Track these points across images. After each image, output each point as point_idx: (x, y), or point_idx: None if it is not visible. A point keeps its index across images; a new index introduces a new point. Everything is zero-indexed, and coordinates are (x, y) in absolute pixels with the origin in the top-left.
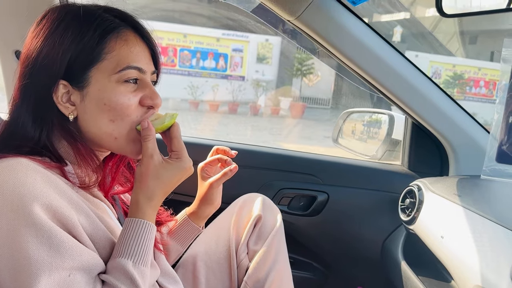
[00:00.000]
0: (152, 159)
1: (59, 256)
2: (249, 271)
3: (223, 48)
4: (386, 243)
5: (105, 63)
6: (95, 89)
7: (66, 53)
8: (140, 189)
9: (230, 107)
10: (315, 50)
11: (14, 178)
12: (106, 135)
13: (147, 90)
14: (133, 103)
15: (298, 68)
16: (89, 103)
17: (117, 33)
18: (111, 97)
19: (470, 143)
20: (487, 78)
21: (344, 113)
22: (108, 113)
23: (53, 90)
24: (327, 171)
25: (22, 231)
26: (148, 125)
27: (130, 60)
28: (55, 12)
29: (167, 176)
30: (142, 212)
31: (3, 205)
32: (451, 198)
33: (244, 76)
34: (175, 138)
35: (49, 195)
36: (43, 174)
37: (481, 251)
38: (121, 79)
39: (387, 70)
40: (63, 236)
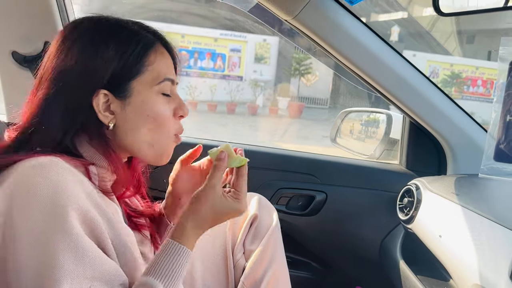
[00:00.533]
0: (214, 189)
1: (82, 265)
2: (246, 271)
3: (221, 48)
4: (384, 242)
5: (146, 75)
6: (138, 99)
7: (109, 65)
8: (192, 214)
9: (228, 107)
10: (313, 50)
11: (48, 179)
12: (144, 144)
13: (177, 101)
14: (170, 114)
15: (296, 68)
16: (131, 113)
17: (155, 47)
18: (153, 108)
19: (468, 142)
20: (485, 77)
21: (342, 113)
22: (149, 123)
23: (92, 99)
24: (325, 170)
25: (54, 236)
26: (224, 158)
27: (167, 72)
28: (91, 24)
29: (220, 210)
30: (186, 237)
31: (37, 207)
32: (449, 197)
33: (242, 76)
34: (241, 177)
35: (82, 200)
36: (74, 174)
37: (479, 249)
38: (161, 91)
39: (385, 69)
40: (89, 245)
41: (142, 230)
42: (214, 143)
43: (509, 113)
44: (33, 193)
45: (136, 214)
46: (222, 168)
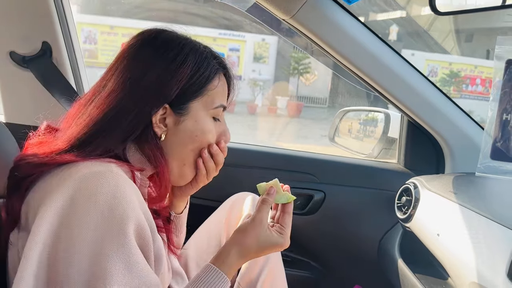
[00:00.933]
0: (261, 223)
1: (130, 275)
2: (241, 271)
3: (220, 47)
4: (383, 241)
5: (205, 98)
6: (192, 119)
7: (181, 82)
8: (238, 244)
9: None
10: (311, 49)
11: (108, 188)
12: (180, 160)
13: (223, 127)
14: (213, 140)
15: (295, 67)
16: (183, 130)
17: (219, 74)
18: (204, 130)
19: (465, 140)
20: (483, 76)
21: (340, 112)
22: (194, 143)
23: (155, 111)
24: (323, 169)
25: (108, 244)
26: (273, 194)
27: (222, 99)
28: (170, 38)
29: (265, 244)
30: (228, 265)
31: (95, 215)
32: (447, 195)
33: (241, 76)
34: (287, 213)
35: (137, 210)
36: (130, 184)
37: (476, 248)
38: (213, 115)
39: (383, 69)
40: (139, 257)
41: (159, 233)
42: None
43: (505, 112)
44: (94, 201)
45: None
46: (270, 203)
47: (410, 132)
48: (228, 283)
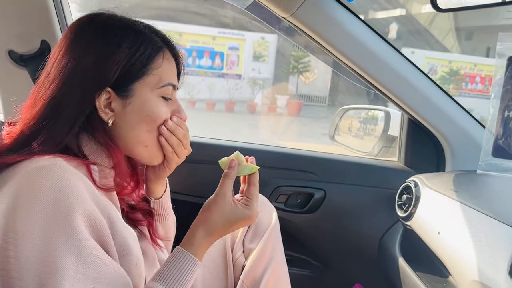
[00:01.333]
0: (225, 197)
1: (84, 267)
2: (245, 269)
3: (219, 46)
4: (383, 239)
5: (150, 78)
6: (139, 100)
7: (120, 64)
8: (202, 223)
9: (227, 106)
10: (310, 47)
11: (51, 181)
12: (139, 143)
13: (176, 105)
14: (167, 116)
15: (294, 66)
16: (131, 112)
17: (162, 52)
18: (153, 110)
19: (466, 138)
20: (483, 74)
21: (340, 110)
22: (147, 123)
23: (97, 96)
24: (324, 168)
25: (56, 238)
26: (234, 166)
27: (170, 77)
28: (105, 22)
29: (231, 218)
30: (196, 245)
31: (41, 210)
32: (448, 193)
33: (241, 75)
34: (253, 185)
35: (87, 201)
36: (77, 176)
37: (478, 246)
38: (161, 94)
39: (383, 67)
40: (92, 248)
41: (138, 226)
42: (212, 142)
43: (507, 109)
44: (38, 196)
45: (131, 210)
46: (232, 176)
47: (411, 130)
48: (197, 264)
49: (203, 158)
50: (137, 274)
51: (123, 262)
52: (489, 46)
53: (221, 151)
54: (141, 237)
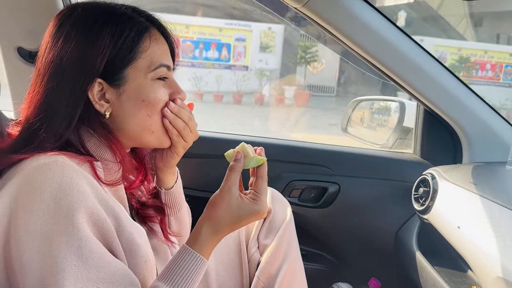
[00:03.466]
0: (230, 192)
1: (86, 267)
2: (261, 265)
3: (226, 38)
4: (399, 233)
5: (140, 62)
6: (132, 86)
7: (105, 53)
8: (209, 218)
9: (234, 98)
10: (323, 38)
11: (53, 179)
12: (144, 130)
13: (173, 85)
14: (166, 98)
15: (302, 56)
16: (127, 100)
17: (149, 33)
18: (149, 94)
19: (484, 129)
20: (494, 61)
21: (353, 102)
22: (145, 108)
23: (89, 88)
24: (337, 161)
25: (57, 238)
26: (240, 159)
27: (161, 58)
28: (84, 11)
29: (238, 214)
30: (202, 243)
31: (42, 209)
32: (467, 186)
33: (248, 66)
34: (260, 178)
35: (89, 199)
36: (79, 173)
37: (500, 241)
38: (155, 77)
39: (398, 56)
40: (94, 247)
41: (149, 223)
42: (221, 136)
43: None
44: (38, 195)
45: (142, 206)
46: (238, 169)
47: (427, 121)
48: (203, 262)
49: (212, 152)
50: (147, 272)
51: (131, 260)
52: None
53: (231, 145)
54: (151, 234)
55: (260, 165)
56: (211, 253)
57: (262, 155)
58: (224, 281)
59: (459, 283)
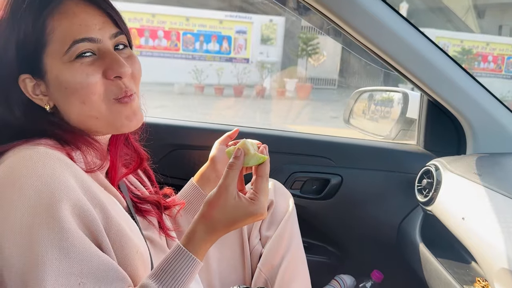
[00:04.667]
0: (227, 191)
1: (67, 261)
2: (263, 257)
3: (227, 30)
4: (402, 225)
5: (52, 46)
6: (52, 76)
7: (11, 46)
8: (203, 218)
9: (235, 90)
10: (325, 27)
11: (34, 171)
12: (86, 117)
13: (107, 60)
14: (95, 79)
15: (303, 49)
16: (55, 91)
17: (51, 8)
18: (68, 80)
19: (488, 119)
20: (495, 53)
21: (355, 93)
22: (73, 96)
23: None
24: (340, 153)
25: (38, 231)
26: (240, 156)
27: (75, 33)
28: None
29: (234, 214)
30: (196, 243)
31: (23, 202)
32: (471, 177)
33: (249, 58)
34: (260, 177)
35: (73, 190)
36: (63, 163)
37: (506, 232)
38: (72, 57)
39: (401, 45)
40: (77, 240)
41: (147, 216)
42: (222, 127)
43: None
44: (19, 187)
45: (140, 200)
46: (236, 167)
47: (430, 112)
48: (196, 264)
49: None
50: (140, 262)
51: (121, 251)
52: (502, 24)
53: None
54: (149, 226)
55: (261, 164)
56: (205, 253)
57: (264, 153)
58: (226, 273)
59: (463, 275)
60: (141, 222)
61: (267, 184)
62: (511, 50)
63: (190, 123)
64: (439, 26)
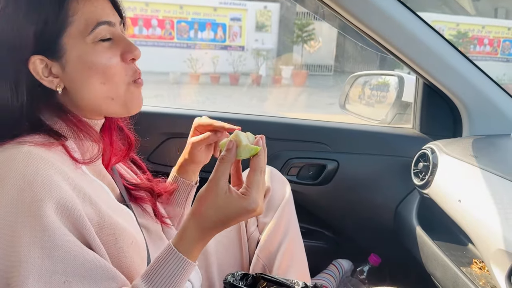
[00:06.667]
0: (217, 185)
1: (50, 260)
2: (260, 243)
3: (221, 17)
4: (399, 208)
5: (74, 26)
6: (74, 55)
7: (29, 26)
8: (194, 214)
9: (231, 79)
10: (320, 11)
11: (16, 171)
12: (103, 98)
13: (122, 44)
14: (115, 61)
15: (298, 35)
16: (73, 71)
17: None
18: (93, 60)
19: (484, 101)
20: (491, 36)
21: (351, 77)
22: (96, 76)
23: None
24: (336, 138)
25: (20, 230)
26: (232, 148)
27: (98, 16)
28: None
29: (226, 211)
30: (188, 243)
31: (5, 201)
32: (467, 159)
33: (244, 46)
34: (252, 170)
35: (58, 188)
36: (46, 162)
37: (502, 213)
38: (96, 39)
39: (396, 28)
40: (61, 238)
41: (141, 204)
42: (219, 115)
43: None
44: (1, 187)
45: (133, 187)
46: (228, 160)
47: (426, 95)
48: (188, 265)
49: None
50: (135, 253)
51: (115, 244)
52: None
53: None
54: (143, 213)
55: (255, 156)
56: (199, 253)
57: (260, 144)
58: (224, 260)
59: (460, 257)
60: (135, 209)
61: (261, 178)
62: (507, 33)
63: (184, 111)
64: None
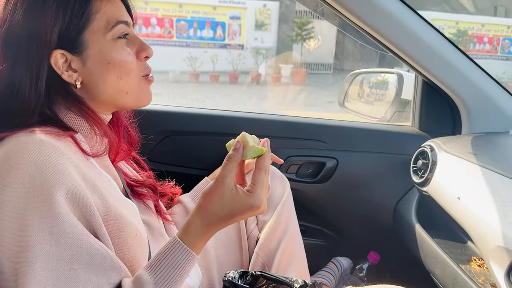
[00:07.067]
0: (224, 182)
1: (58, 246)
2: (260, 241)
3: (220, 16)
4: (398, 206)
5: (96, 23)
6: (95, 51)
7: (54, 23)
8: (199, 210)
9: (230, 77)
10: (319, 9)
11: (29, 158)
12: (118, 92)
13: (137, 42)
14: (131, 58)
15: (298, 33)
16: (93, 66)
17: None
18: (113, 55)
19: (483, 99)
20: (491, 34)
21: (350, 75)
22: (114, 71)
23: (49, 61)
24: (335, 136)
25: (29, 215)
26: (239, 148)
27: (117, 15)
28: None
29: (231, 206)
30: (192, 235)
31: (17, 187)
32: (467, 157)
33: (243, 45)
34: (258, 169)
35: (69, 176)
36: (58, 151)
37: (501, 210)
38: (115, 36)
39: (396, 26)
40: (70, 226)
41: (143, 200)
42: (218, 113)
43: None
44: (14, 174)
45: (136, 184)
46: (235, 159)
47: (425, 92)
48: (192, 257)
49: (210, 130)
50: (138, 246)
51: (119, 236)
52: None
53: (229, 121)
54: (146, 209)
55: (260, 156)
56: (202, 247)
57: (265, 146)
58: (224, 258)
59: (459, 254)
60: (138, 206)
61: (265, 177)
62: (506, 31)
63: (183, 109)
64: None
